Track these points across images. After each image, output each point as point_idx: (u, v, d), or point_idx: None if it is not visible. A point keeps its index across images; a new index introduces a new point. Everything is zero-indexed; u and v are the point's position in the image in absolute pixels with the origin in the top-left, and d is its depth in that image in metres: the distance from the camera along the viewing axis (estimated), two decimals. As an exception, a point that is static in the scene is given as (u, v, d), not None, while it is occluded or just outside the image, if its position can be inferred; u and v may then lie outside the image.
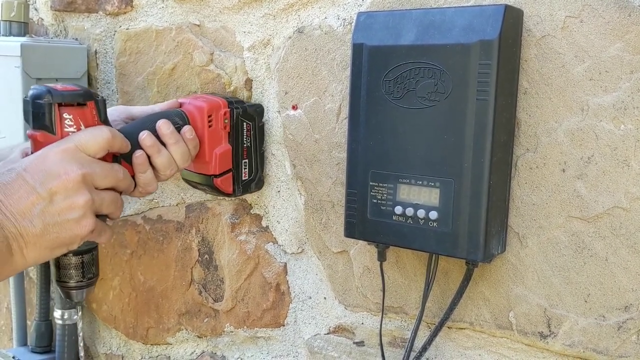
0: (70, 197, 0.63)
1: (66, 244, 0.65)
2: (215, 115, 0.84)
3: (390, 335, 0.88)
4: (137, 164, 0.74)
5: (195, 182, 0.88)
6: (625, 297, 0.70)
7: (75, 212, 0.64)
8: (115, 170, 0.69)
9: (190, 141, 0.80)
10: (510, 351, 0.79)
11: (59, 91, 0.67)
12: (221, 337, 1.06)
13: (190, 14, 1.01)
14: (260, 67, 0.96)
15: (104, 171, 0.67)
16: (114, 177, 0.69)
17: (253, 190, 0.94)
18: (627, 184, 0.69)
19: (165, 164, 0.76)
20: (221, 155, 0.85)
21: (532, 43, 0.72)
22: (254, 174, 0.92)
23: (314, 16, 0.89)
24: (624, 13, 0.67)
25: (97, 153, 0.67)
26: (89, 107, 0.69)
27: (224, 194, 0.88)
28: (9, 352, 1.24)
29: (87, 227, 0.65)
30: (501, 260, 0.77)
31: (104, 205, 0.68)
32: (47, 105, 0.67)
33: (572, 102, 0.71)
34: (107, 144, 0.68)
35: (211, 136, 0.84)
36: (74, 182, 0.64)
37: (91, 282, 0.76)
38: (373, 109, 0.75)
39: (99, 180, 0.67)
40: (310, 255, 0.95)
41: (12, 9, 1.10)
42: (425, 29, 0.71)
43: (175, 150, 0.77)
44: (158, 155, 0.76)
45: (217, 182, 0.86)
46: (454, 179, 0.70)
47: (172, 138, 0.77)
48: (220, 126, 0.85)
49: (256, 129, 0.91)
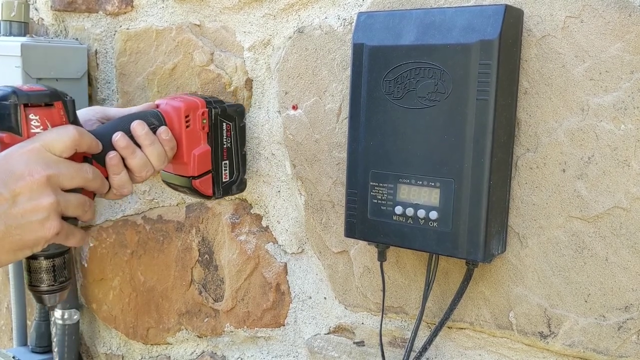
0: (34, 199, 0.62)
1: (29, 246, 0.63)
2: (192, 115, 0.82)
3: (390, 335, 0.88)
4: (111, 165, 0.72)
5: (175, 184, 0.87)
6: (625, 297, 0.70)
7: (39, 214, 0.62)
8: (83, 171, 0.67)
9: (167, 142, 0.78)
10: (511, 351, 0.79)
11: (25, 92, 0.66)
12: (221, 337, 1.06)
13: (191, 14, 1.02)
14: (260, 67, 0.96)
15: (70, 171, 0.65)
16: (82, 178, 0.67)
17: (235, 193, 0.92)
18: (628, 184, 0.69)
19: (140, 166, 0.75)
20: (200, 156, 0.83)
21: (532, 43, 0.72)
22: (235, 176, 0.90)
23: (314, 16, 0.89)
24: (624, 13, 0.67)
25: (63, 152, 0.65)
26: (57, 107, 0.68)
27: (203, 196, 0.87)
28: (9, 352, 1.24)
29: (52, 230, 0.63)
30: (501, 260, 0.77)
31: (69, 208, 0.66)
32: (13, 106, 0.65)
33: (573, 102, 0.71)
34: (73, 143, 0.66)
35: (189, 137, 0.82)
36: (39, 183, 0.62)
37: (63, 286, 0.74)
38: (373, 109, 0.75)
39: (66, 181, 0.65)
40: (310, 255, 0.95)
41: (12, 9, 1.10)
42: (425, 29, 0.71)
43: (151, 152, 0.76)
44: (133, 157, 0.74)
45: (196, 183, 0.84)
46: (454, 179, 0.70)
47: (147, 139, 0.75)
48: (199, 126, 0.83)
49: (237, 130, 0.89)
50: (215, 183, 0.87)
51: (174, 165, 0.84)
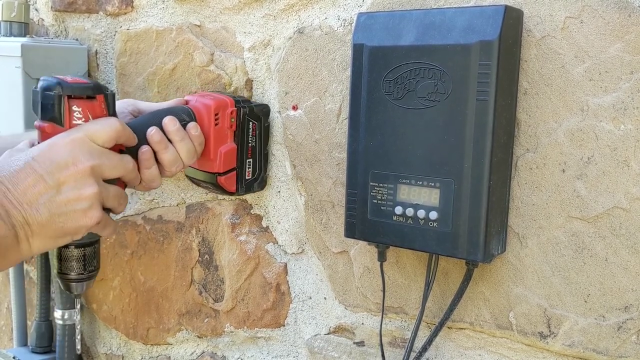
0: (78, 188, 0.63)
1: (71, 234, 0.65)
2: (222, 114, 0.84)
3: (390, 335, 0.88)
4: (144, 159, 0.74)
5: (199, 179, 0.88)
6: (625, 297, 0.70)
7: (82, 203, 0.63)
8: (125, 161, 0.69)
9: (196, 138, 0.79)
10: (510, 351, 0.79)
11: (69, 83, 0.67)
12: (221, 337, 1.06)
13: (191, 14, 1.02)
14: (260, 68, 0.96)
15: (113, 162, 0.67)
16: (123, 168, 0.69)
17: (256, 190, 0.94)
18: (627, 184, 0.69)
19: (172, 161, 0.76)
20: (226, 153, 0.85)
21: (532, 43, 0.72)
22: (258, 174, 0.91)
23: (314, 17, 0.89)
24: (624, 14, 0.67)
25: (105, 143, 0.67)
26: (98, 100, 0.69)
27: (227, 192, 0.88)
28: (9, 352, 1.24)
29: (94, 219, 0.65)
30: (501, 260, 0.77)
31: (109, 198, 0.67)
32: (57, 97, 0.67)
33: (572, 103, 0.71)
34: (116, 135, 0.68)
35: (217, 134, 0.84)
36: (83, 173, 0.63)
37: (92, 275, 0.76)
38: (373, 109, 0.75)
39: (108, 171, 0.67)
40: (310, 256, 0.95)
41: (12, 10, 1.11)
42: (425, 29, 0.71)
43: (181, 147, 0.77)
44: (165, 152, 0.75)
45: (221, 180, 0.86)
46: (454, 179, 0.70)
47: (178, 135, 0.77)
48: (227, 125, 0.85)
49: (262, 129, 0.91)
50: (239, 180, 0.89)
51: (199, 161, 0.85)
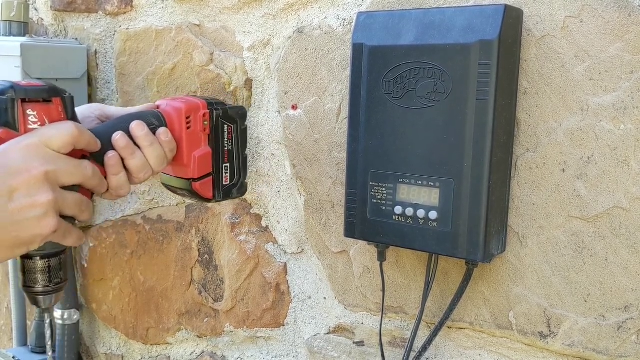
0: (31, 195, 0.60)
1: (26, 243, 0.62)
2: (193, 117, 0.81)
3: (390, 335, 0.88)
4: (110, 165, 0.71)
5: (174, 186, 0.85)
6: (625, 297, 0.70)
7: (36, 211, 0.61)
8: (82, 167, 0.66)
9: (166, 143, 0.76)
10: (510, 351, 0.79)
11: (23, 87, 0.65)
12: (221, 337, 1.06)
13: (190, 14, 1.02)
14: (260, 67, 0.96)
15: (69, 167, 0.64)
16: (81, 174, 0.65)
17: (235, 196, 0.91)
18: (627, 183, 0.69)
19: (139, 167, 0.73)
20: (200, 158, 0.82)
21: (532, 43, 0.72)
22: (236, 179, 0.88)
23: (313, 16, 0.89)
24: (623, 13, 0.67)
25: (61, 148, 0.64)
26: (55, 104, 0.66)
27: (203, 199, 0.85)
28: (9, 352, 1.24)
29: (49, 227, 0.62)
30: (501, 260, 0.77)
31: (67, 206, 0.64)
32: (10, 101, 0.64)
33: (572, 102, 0.71)
34: (72, 140, 0.65)
35: (189, 138, 0.80)
36: (36, 179, 0.61)
37: (59, 288, 0.72)
38: (373, 109, 0.75)
39: (64, 177, 0.64)
40: (310, 255, 0.95)
41: (12, 9, 1.10)
42: (425, 29, 0.71)
43: (150, 153, 0.74)
44: (132, 158, 0.73)
45: (196, 186, 0.83)
46: (453, 179, 0.70)
47: (147, 140, 0.74)
48: (200, 128, 0.82)
49: (238, 132, 0.88)
50: (216, 186, 0.85)
51: (173, 167, 0.83)
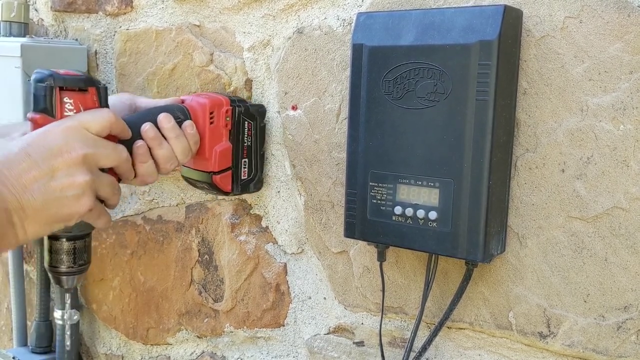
0: (71, 175, 0.64)
1: (64, 220, 0.66)
2: (217, 112, 0.84)
3: (390, 335, 0.88)
4: (139, 153, 0.74)
5: (194, 179, 0.88)
6: (624, 297, 0.70)
7: (75, 190, 0.64)
8: (119, 151, 0.70)
9: (191, 136, 0.80)
10: (510, 351, 0.79)
11: (61, 75, 0.68)
12: (221, 337, 1.06)
13: (190, 14, 1.02)
14: (260, 68, 0.96)
15: (106, 150, 0.68)
16: (117, 157, 0.70)
17: (252, 191, 0.94)
18: (627, 184, 0.69)
19: (166, 158, 0.77)
20: (221, 152, 0.85)
21: (531, 43, 0.72)
22: (254, 174, 0.91)
23: (313, 17, 0.89)
24: (623, 13, 0.67)
25: (99, 132, 0.68)
26: (90, 93, 0.70)
27: (222, 192, 0.88)
28: (9, 352, 1.24)
29: (86, 206, 0.66)
30: (501, 260, 0.77)
31: (102, 187, 0.68)
32: (49, 88, 0.68)
33: (572, 103, 0.71)
34: (109, 125, 0.69)
35: (212, 133, 0.84)
36: (76, 161, 0.64)
37: (82, 269, 0.76)
38: (373, 109, 0.75)
39: (102, 160, 0.68)
40: (310, 256, 0.95)
41: (12, 10, 1.11)
42: (424, 29, 0.71)
43: (176, 145, 0.78)
44: (159, 148, 0.76)
45: (216, 179, 0.86)
46: (453, 179, 0.70)
47: (173, 132, 0.77)
48: (222, 123, 0.85)
49: (257, 129, 0.91)
50: (235, 180, 0.88)
51: (195, 160, 0.86)
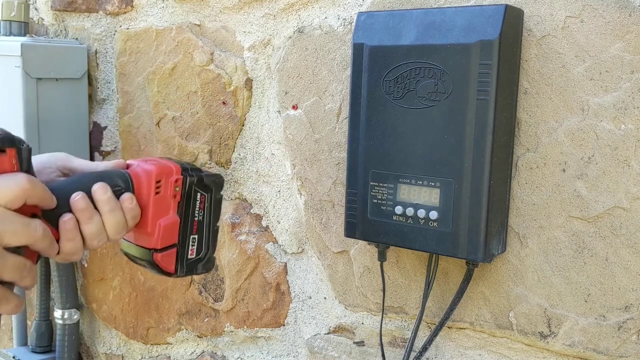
0: None
1: None
2: (164, 181, 0.73)
3: (390, 335, 0.88)
4: (65, 229, 0.63)
5: (133, 255, 0.76)
6: (625, 297, 0.70)
7: None
8: (31, 228, 0.58)
9: (129, 210, 0.68)
10: (511, 351, 0.79)
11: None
12: (221, 337, 1.06)
13: (191, 13, 1.02)
14: (260, 67, 0.96)
15: (16, 226, 0.56)
16: (29, 235, 0.58)
17: (199, 272, 0.80)
18: (628, 183, 0.69)
19: (94, 233, 0.65)
20: (166, 227, 0.73)
21: (532, 43, 0.72)
22: (203, 253, 0.79)
23: (314, 16, 0.89)
24: (624, 13, 0.67)
25: (9, 203, 0.56)
26: (8, 155, 0.59)
27: (164, 272, 0.76)
28: (9, 352, 1.24)
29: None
30: (501, 260, 0.77)
31: (5, 270, 0.56)
32: None
33: (573, 102, 0.71)
34: (23, 194, 0.57)
35: (157, 204, 0.72)
36: None
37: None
38: (373, 109, 0.75)
39: (8, 237, 0.56)
40: (310, 255, 0.95)
41: (12, 9, 1.10)
42: (425, 29, 0.71)
43: (109, 219, 0.66)
44: (88, 223, 0.65)
45: (157, 257, 0.74)
46: (454, 178, 0.70)
47: (108, 205, 0.66)
48: (170, 194, 0.74)
49: (212, 202, 0.79)
50: (179, 259, 0.76)
51: (135, 234, 0.75)
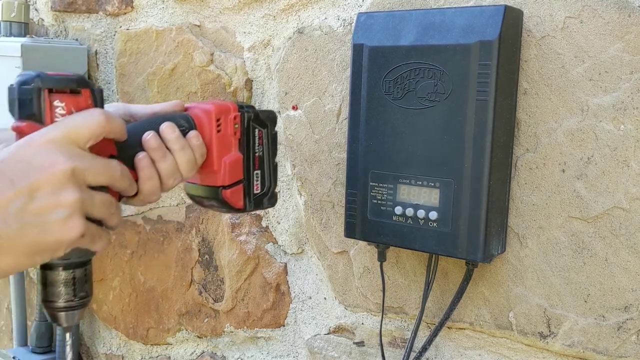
0: (55, 194, 0.53)
1: (49, 249, 0.55)
2: (224, 119, 0.75)
3: (390, 335, 0.88)
4: (142, 167, 0.65)
5: (201, 196, 0.79)
6: (624, 297, 0.70)
7: (60, 212, 0.54)
8: (111, 167, 0.59)
9: (197, 148, 0.70)
10: (510, 351, 0.79)
11: (50, 76, 0.59)
12: (221, 337, 1.06)
13: (191, 14, 1.02)
14: (260, 68, 0.96)
15: (97, 166, 0.57)
16: (110, 174, 0.59)
17: (266, 207, 0.83)
18: (627, 184, 0.69)
19: (170, 172, 0.67)
20: (230, 163, 0.75)
21: (532, 43, 0.72)
22: (267, 188, 0.81)
23: (314, 17, 0.89)
24: (623, 13, 0.67)
25: (89, 141, 0.57)
26: (84, 95, 0.61)
27: (233, 209, 0.78)
28: (9, 352, 1.24)
29: (75, 231, 0.55)
30: (501, 260, 0.77)
31: (95, 207, 0.57)
32: (36, 91, 0.59)
33: (572, 103, 0.71)
34: (101, 130, 0.58)
35: (220, 142, 0.74)
36: (61, 176, 0.54)
37: (83, 303, 0.65)
38: (373, 109, 0.75)
39: (92, 176, 0.57)
40: (310, 256, 0.95)
41: (12, 10, 1.11)
42: (425, 29, 0.71)
43: (181, 157, 0.68)
44: (163, 161, 0.66)
45: (227, 194, 0.76)
46: (453, 179, 0.70)
47: (178, 143, 0.68)
48: (230, 131, 0.76)
49: (269, 137, 0.81)
50: (247, 194, 0.78)
51: (201, 175, 0.77)
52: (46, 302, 0.64)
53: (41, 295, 0.65)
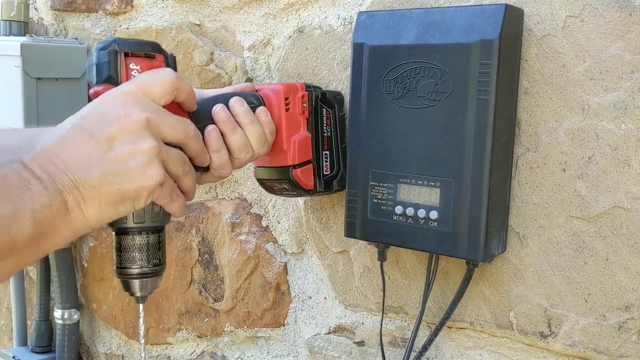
0: (132, 142, 0.55)
1: (130, 197, 0.56)
2: (292, 98, 0.76)
3: (390, 335, 0.88)
4: (211, 139, 0.66)
5: (272, 179, 0.79)
6: (625, 297, 0.70)
7: (139, 159, 0.55)
8: (185, 123, 0.61)
9: (266, 124, 0.72)
10: (511, 351, 0.79)
11: (127, 40, 0.62)
12: (221, 337, 1.06)
13: (190, 13, 1.01)
14: (260, 67, 0.95)
15: (171, 120, 0.59)
16: (183, 130, 0.60)
17: (335, 189, 0.82)
18: (628, 183, 0.69)
19: (241, 145, 0.68)
20: (300, 142, 0.76)
21: (532, 42, 0.72)
22: (336, 170, 0.81)
23: (314, 16, 0.89)
24: (624, 12, 0.67)
25: (162, 97, 0.59)
26: (158, 60, 0.63)
27: (304, 190, 0.78)
28: (9, 352, 1.24)
29: (154, 178, 0.56)
30: (502, 260, 0.77)
31: (171, 160, 0.58)
32: (113, 54, 0.61)
33: (573, 102, 0.71)
34: (173, 87, 0.60)
35: (288, 121, 0.75)
36: (137, 126, 0.55)
37: (156, 271, 0.66)
38: (373, 108, 0.75)
39: (166, 129, 0.58)
40: (310, 255, 0.95)
41: (12, 9, 1.10)
42: (425, 28, 0.71)
43: (251, 132, 0.69)
44: (233, 133, 0.67)
45: (297, 173, 0.77)
46: (454, 178, 0.70)
47: (247, 117, 0.69)
48: (298, 110, 0.76)
49: (337, 118, 0.82)
50: (317, 175, 0.79)
51: (270, 156, 0.77)
52: (120, 269, 0.64)
53: (115, 263, 0.65)
